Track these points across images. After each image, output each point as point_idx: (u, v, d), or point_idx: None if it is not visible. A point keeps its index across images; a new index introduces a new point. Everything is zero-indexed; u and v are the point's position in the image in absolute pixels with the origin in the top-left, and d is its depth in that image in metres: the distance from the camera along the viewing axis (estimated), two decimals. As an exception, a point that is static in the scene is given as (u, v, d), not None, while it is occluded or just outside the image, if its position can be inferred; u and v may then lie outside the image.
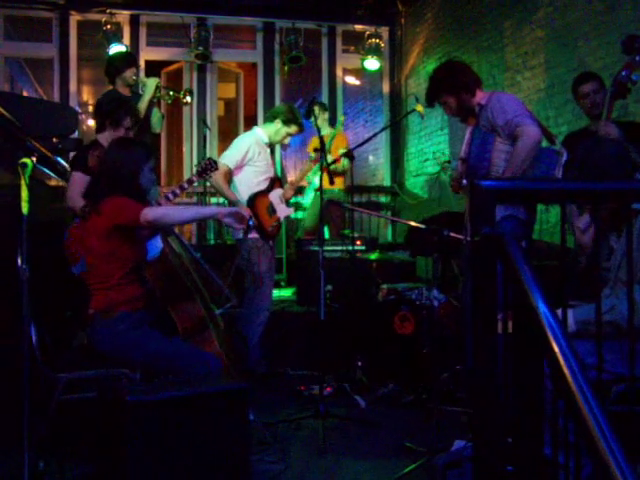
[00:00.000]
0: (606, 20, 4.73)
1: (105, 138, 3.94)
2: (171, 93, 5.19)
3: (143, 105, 4.74)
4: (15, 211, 2.58)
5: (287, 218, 4.84)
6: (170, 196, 3.71)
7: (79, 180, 3.81)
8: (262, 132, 4.65)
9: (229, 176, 4.54)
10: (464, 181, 3.70)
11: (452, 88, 3.62)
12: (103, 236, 2.95)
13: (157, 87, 4.87)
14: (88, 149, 3.97)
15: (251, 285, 4.49)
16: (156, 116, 4.96)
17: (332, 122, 7.46)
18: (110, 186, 3.02)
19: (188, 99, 5.32)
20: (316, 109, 6.54)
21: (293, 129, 4.64)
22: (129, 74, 4.82)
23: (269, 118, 4.66)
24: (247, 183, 4.52)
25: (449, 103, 3.68)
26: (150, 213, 2.87)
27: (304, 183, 6.38)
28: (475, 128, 3.65)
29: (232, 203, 4.49)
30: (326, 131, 6.55)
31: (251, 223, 3.10)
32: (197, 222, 7.06)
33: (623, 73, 3.41)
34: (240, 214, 3.04)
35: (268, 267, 4.52)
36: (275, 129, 4.61)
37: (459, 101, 3.63)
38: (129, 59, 4.97)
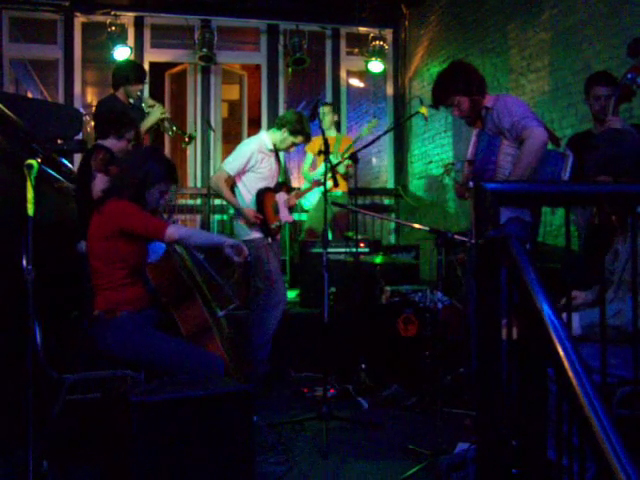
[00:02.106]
0: (610, 23, 4.72)
1: (108, 144, 3.94)
2: (174, 128, 5.22)
3: (143, 129, 4.75)
4: (21, 212, 2.59)
5: (287, 222, 4.87)
6: None
7: (102, 181, 3.81)
8: (268, 138, 4.62)
9: (231, 181, 4.56)
10: (470, 183, 3.67)
11: (466, 89, 3.54)
12: (103, 237, 2.94)
13: (162, 115, 4.90)
14: (91, 154, 3.97)
15: (264, 284, 4.49)
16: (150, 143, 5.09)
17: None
18: (116, 187, 3.03)
19: (187, 140, 5.50)
20: (325, 109, 6.45)
21: (299, 139, 4.61)
22: (135, 89, 4.82)
23: (277, 125, 4.61)
24: (249, 189, 4.54)
25: (461, 104, 3.58)
26: (176, 232, 2.92)
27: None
28: (481, 131, 3.61)
29: (234, 205, 4.56)
30: (333, 134, 6.48)
31: (249, 259, 3.18)
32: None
33: (629, 76, 3.38)
34: (241, 248, 3.05)
35: (276, 264, 4.54)
36: (281, 137, 4.57)
37: (471, 102, 3.57)
38: (141, 75, 4.92)
